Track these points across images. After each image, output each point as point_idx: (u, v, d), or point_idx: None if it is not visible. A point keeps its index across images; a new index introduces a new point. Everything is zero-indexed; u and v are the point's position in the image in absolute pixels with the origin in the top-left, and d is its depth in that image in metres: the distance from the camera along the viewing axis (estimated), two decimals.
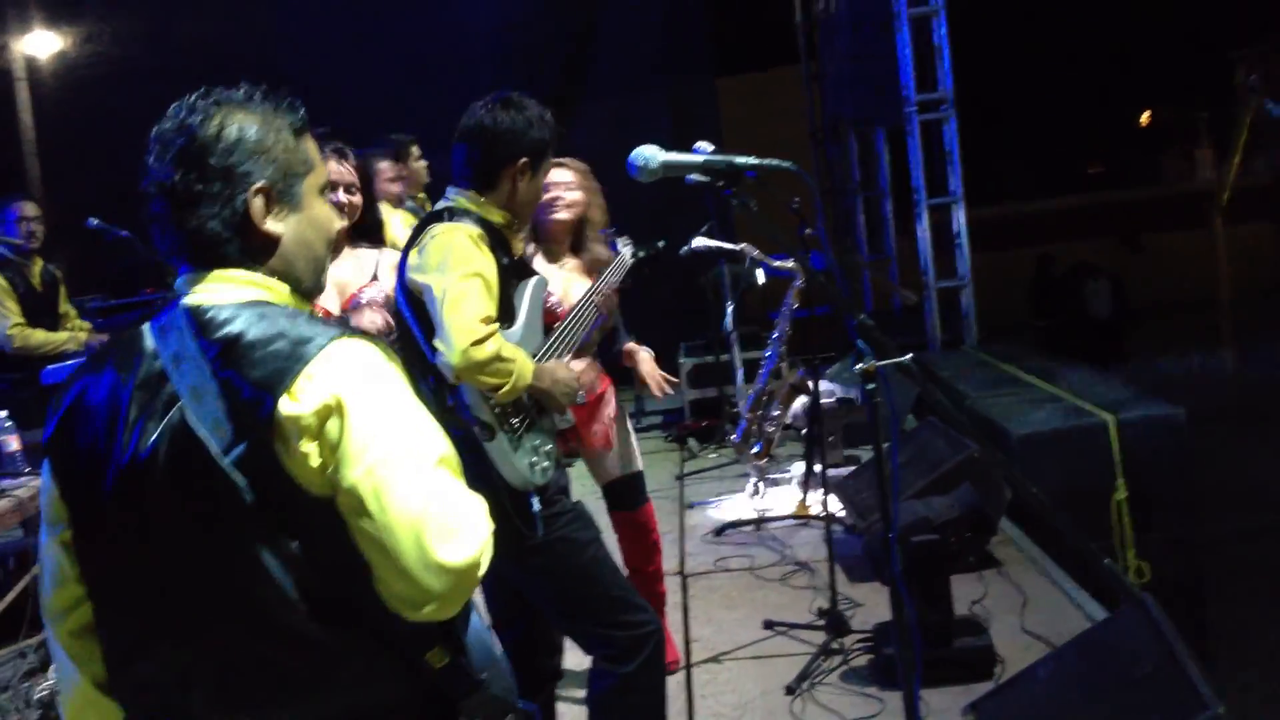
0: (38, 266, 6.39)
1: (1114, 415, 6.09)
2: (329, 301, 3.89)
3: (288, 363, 1.66)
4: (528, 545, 3.03)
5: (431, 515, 1.63)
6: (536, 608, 3.28)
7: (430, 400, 3.04)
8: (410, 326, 3.07)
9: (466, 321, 2.86)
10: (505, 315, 3.08)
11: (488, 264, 2.98)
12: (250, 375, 1.67)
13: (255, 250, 1.81)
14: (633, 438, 4.39)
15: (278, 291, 1.82)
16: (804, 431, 6.53)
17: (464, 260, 2.95)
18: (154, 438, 1.71)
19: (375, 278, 3.93)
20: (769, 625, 4.77)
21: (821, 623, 4.62)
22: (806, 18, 11.42)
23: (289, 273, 1.85)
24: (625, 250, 4.01)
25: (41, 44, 10.82)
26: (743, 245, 6.22)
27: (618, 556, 3.83)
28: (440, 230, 3.02)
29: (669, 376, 4.30)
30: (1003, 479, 5.20)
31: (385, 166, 5.45)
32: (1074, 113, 11.72)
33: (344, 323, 1.82)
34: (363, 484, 1.63)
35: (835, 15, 10.14)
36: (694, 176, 2.74)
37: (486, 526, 1.70)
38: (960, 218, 8.63)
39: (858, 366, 2.54)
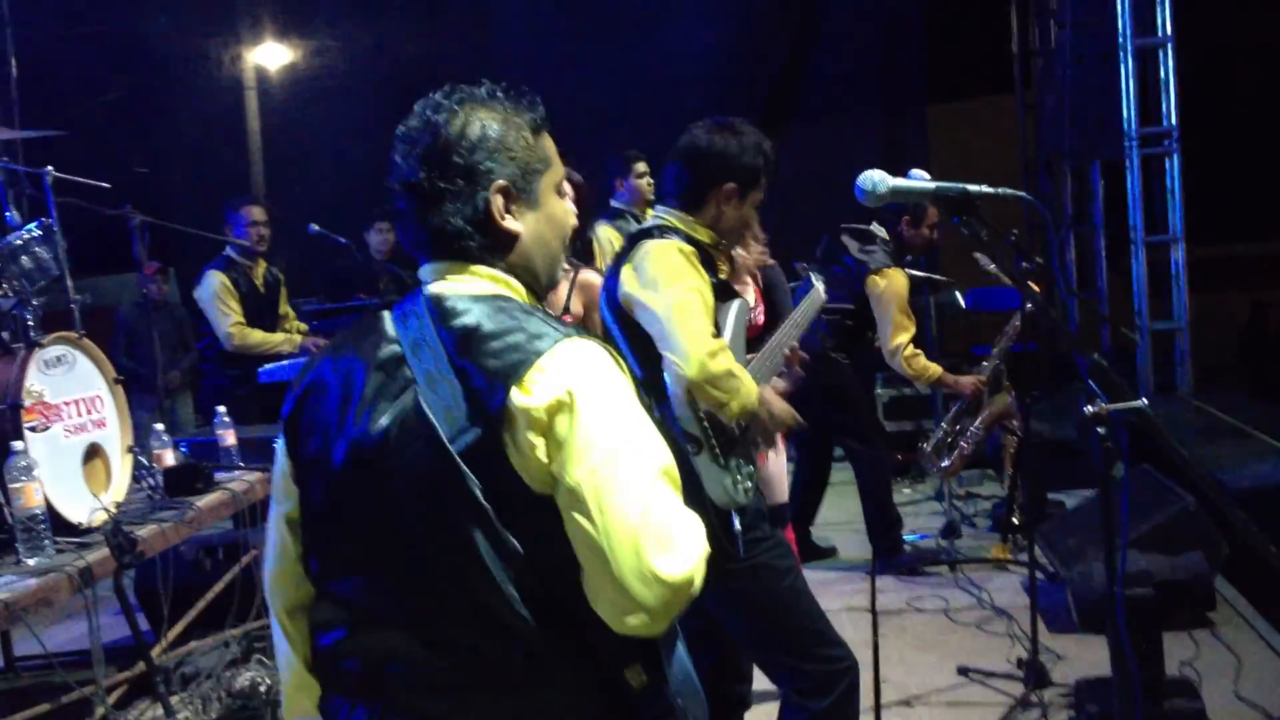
0: (261, 269, 6.65)
1: None
2: None
3: (522, 355, 1.67)
4: (726, 568, 2.99)
5: (651, 524, 1.61)
6: (728, 633, 3.24)
7: None
8: (617, 342, 3.07)
9: (698, 333, 2.84)
10: None
11: (702, 281, 2.97)
12: (485, 365, 1.68)
13: (495, 246, 1.83)
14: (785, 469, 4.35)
15: (515, 288, 1.84)
16: (1007, 473, 6.32)
17: (681, 276, 2.94)
18: (386, 420, 1.74)
19: (566, 309, 3.97)
20: (963, 671, 4.62)
21: (1020, 673, 4.45)
22: (1023, 46, 11.14)
23: (527, 269, 1.87)
24: (819, 285, 3.95)
25: (272, 56, 11.32)
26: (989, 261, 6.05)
27: None
28: (654, 247, 3.01)
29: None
30: (1221, 535, 4.93)
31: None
32: None
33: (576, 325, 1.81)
34: (585, 484, 1.62)
35: (1056, 45, 9.84)
36: (907, 202, 2.66)
37: (703, 544, 1.67)
38: (1179, 258, 8.26)
39: (1088, 409, 2.41)
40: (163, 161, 9.75)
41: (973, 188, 2.53)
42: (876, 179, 2.57)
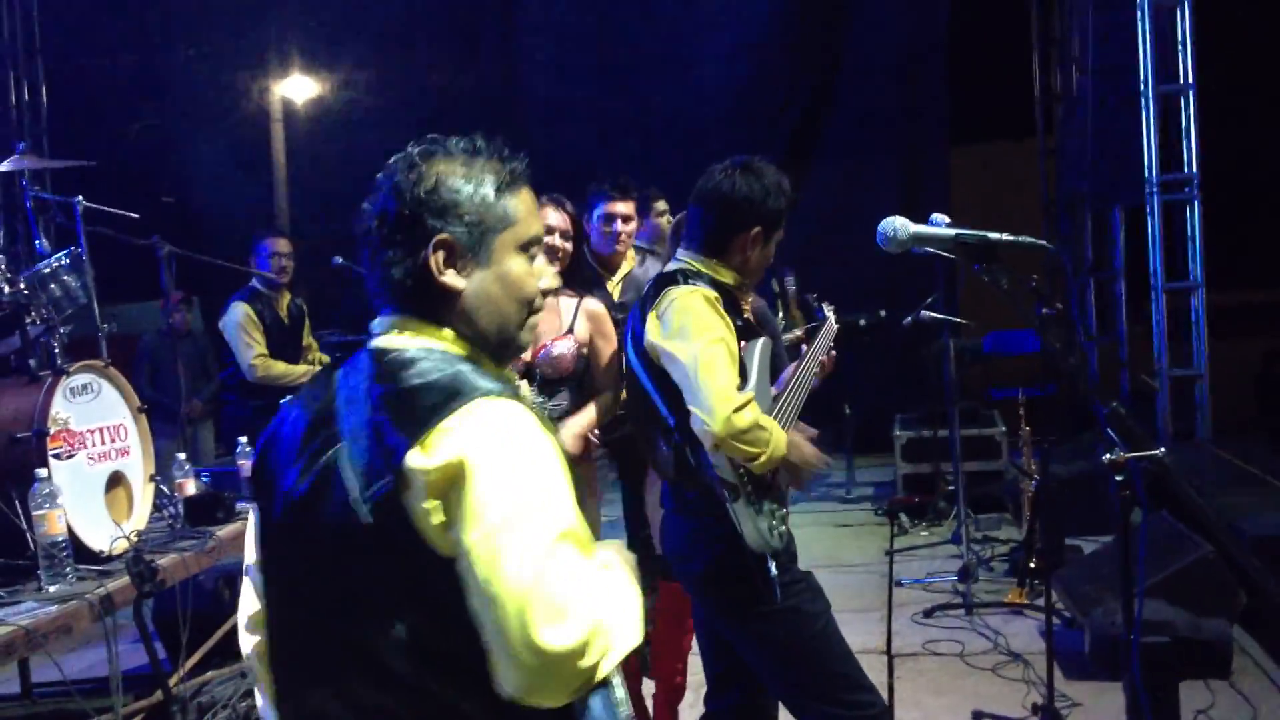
0: (285, 300, 6.70)
1: None
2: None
3: (428, 414, 1.64)
4: (758, 611, 2.99)
5: (540, 591, 1.55)
6: (754, 677, 3.23)
7: (669, 462, 3.04)
8: (646, 388, 3.08)
9: (723, 388, 2.84)
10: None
11: (727, 328, 2.98)
12: (396, 422, 1.65)
13: (434, 302, 1.81)
14: None
15: (458, 344, 1.81)
16: (1025, 517, 6.31)
17: (707, 326, 2.94)
18: (311, 474, 1.74)
19: (571, 330, 3.99)
20: (979, 716, 4.60)
21: (1035, 719, 4.42)
22: (1045, 91, 11.18)
23: (471, 327, 1.83)
24: (830, 316, 3.93)
25: (299, 88, 11.41)
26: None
27: None
28: (678, 295, 3.02)
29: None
30: (1238, 583, 4.91)
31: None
32: None
33: (507, 382, 1.79)
34: (477, 549, 1.57)
35: (1078, 90, 9.88)
36: (927, 248, 2.68)
37: (598, 614, 1.60)
38: (1199, 305, 8.24)
39: (1106, 458, 2.42)
40: (189, 192, 9.84)
41: (993, 235, 2.56)
42: (898, 225, 2.60)
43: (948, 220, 2.70)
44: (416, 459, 1.61)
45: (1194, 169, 8.14)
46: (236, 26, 10.88)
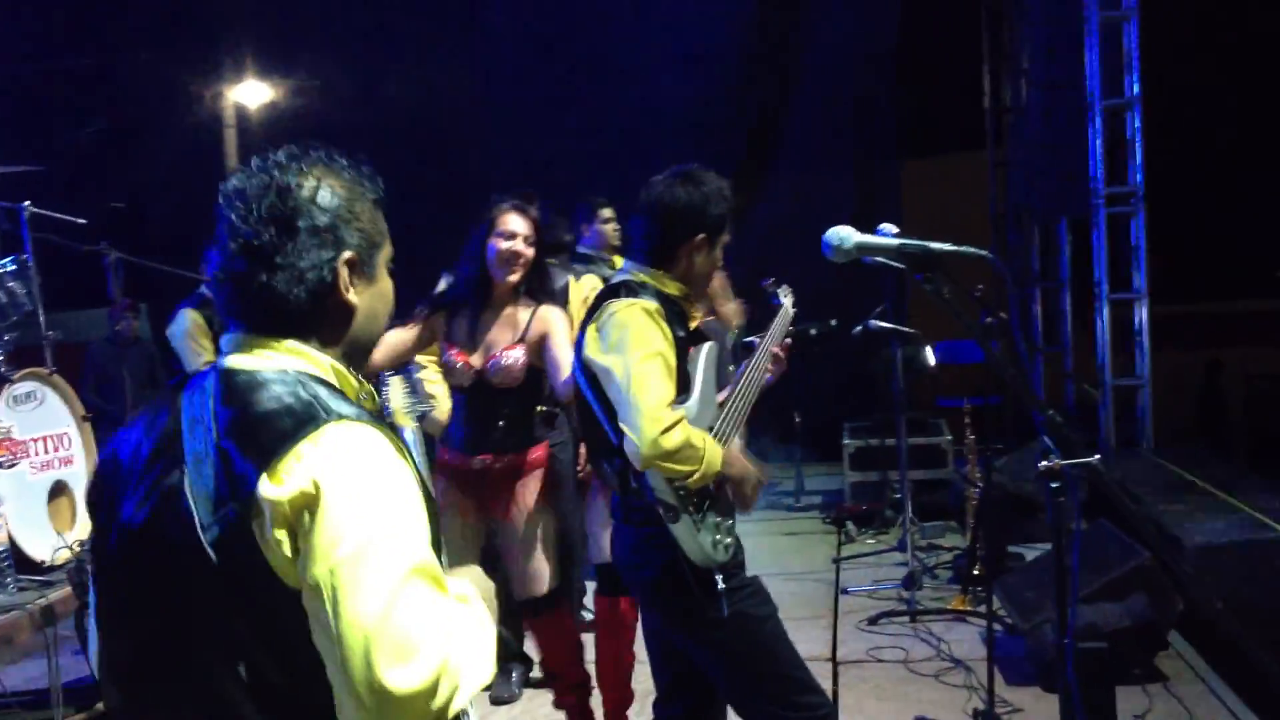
0: None
1: None
2: (475, 356, 4.00)
3: (279, 440, 1.56)
4: (707, 619, 3.01)
5: (387, 629, 1.48)
6: (704, 684, 3.25)
7: (614, 480, 3.05)
8: (591, 406, 3.07)
9: (653, 407, 2.84)
10: (680, 386, 3.05)
11: (666, 342, 2.98)
12: (245, 448, 1.57)
13: (328, 320, 1.74)
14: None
15: (321, 364, 1.72)
16: (969, 525, 6.38)
17: (644, 340, 2.94)
18: (151, 501, 1.65)
19: (523, 339, 4.00)
20: None
21: None
22: (995, 103, 11.30)
23: (353, 344, 1.78)
24: (787, 300, 3.86)
25: (252, 94, 11.35)
26: None
27: None
28: (618, 308, 3.02)
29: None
30: (1176, 590, 4.99)
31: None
32: (1270, 214, 11.27)
33: (362, 406, 1.71)
34: (324, 583, 1.50)
35: (1027, 102, 10.01)
36: (875, 257, 2.70)
37: (446, 653, 1.52)
38: (1143, 315, 8.37)
39: (1042, 464, 2.47)
40: (139, 197, 9.75)
41: (935, 245, 2.60)
42: (843, 235, 2.62)
43: (895, 230, 2.74)
44: (267, 487, 1.54)
45: (1139, 181, 8.27)
46: (190, 30, 10.81)
